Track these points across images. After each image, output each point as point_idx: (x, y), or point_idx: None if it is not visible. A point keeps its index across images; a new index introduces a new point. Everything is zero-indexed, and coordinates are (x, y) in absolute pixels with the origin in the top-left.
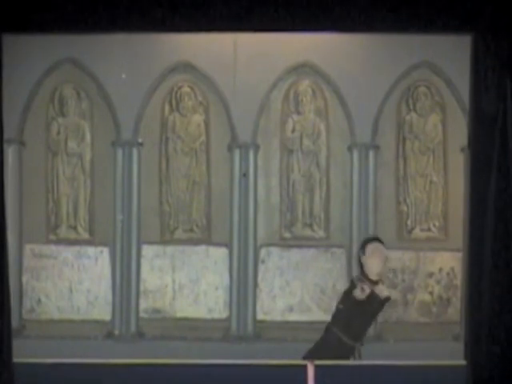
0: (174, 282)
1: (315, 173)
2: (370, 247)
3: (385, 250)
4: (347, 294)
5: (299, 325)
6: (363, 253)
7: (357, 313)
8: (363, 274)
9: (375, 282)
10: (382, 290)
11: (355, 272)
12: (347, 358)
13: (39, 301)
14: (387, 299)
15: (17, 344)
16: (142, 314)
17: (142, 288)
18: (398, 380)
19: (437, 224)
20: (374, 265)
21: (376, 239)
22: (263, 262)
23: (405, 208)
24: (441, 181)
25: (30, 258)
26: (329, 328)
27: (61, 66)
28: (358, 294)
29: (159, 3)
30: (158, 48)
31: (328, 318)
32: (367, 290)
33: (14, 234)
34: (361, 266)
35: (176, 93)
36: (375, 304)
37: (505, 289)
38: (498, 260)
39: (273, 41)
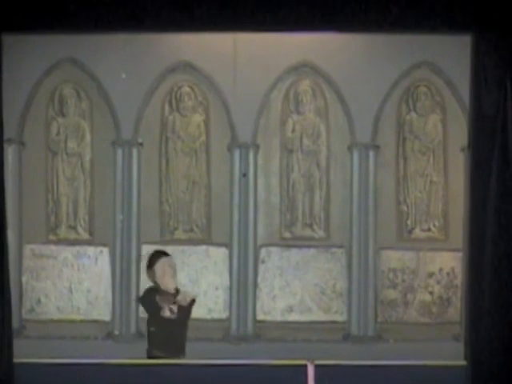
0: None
1: (315, 173)
2: (159, 267)
3: (172, 261)
4: (154, 316)
5: (299, 325)
6: (154, 274)
7: (170, 329)
8: (162, 292)
9: (175, 294)
10: (185, 298)
11: (355, 273)
12: None
13: (39, 301)
14: (193, 302)
15: (17, 344)
16: (141, 314)
17: (142, 288)
18: (398, 380)
19: (437, 224)
20: (168, 283)
21: (161, 254)
22: (263, 262)
23: (405, 208)
24: (441, 181)
25: (30, 257)
26: (149, 351)
27: (61, 66)
28: (168, 314)
29: (159, 3)
30: (158, 48)
31: (328, 318)
32: (175, 308)
33: (14, 234)
34: (155, 284)
35: (176, 93)
36: (183, 313)
37: (505, 289)
38: (498, 260)
39: (273, 41)
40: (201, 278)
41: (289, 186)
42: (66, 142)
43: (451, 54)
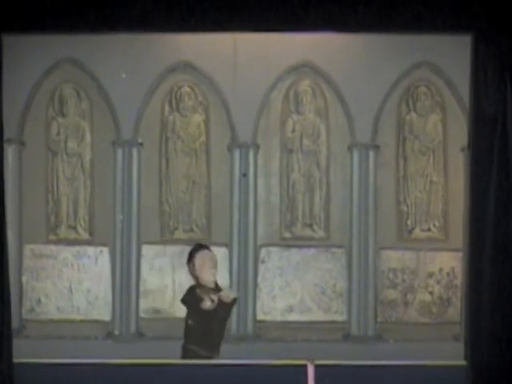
0: (174, 282)
1: (315, 173)
2: (198, 259)
3: (213, 254)
4: (193, 309)
5: (299, 325)
6: (193, 266)
7: (207, 324)
8: (202, 286)
9: (216, 290)
10: (227, 295)
11: (355, 273)
12: None
13: (39, 301)
14: (235, 301)
15: (17, 344)
16: (142, 314)
17: (142, 288)
18: (398, 380)
19: (437, 224)
20: (207, 276)
21: (201, 247)
22: (263, 261)
23: (405, 208)
24: (441, 181)
25: (30, 257)
26: (184, 347)
27: (61, 66)
28: (209, 305)
29: (159, 3)
30: (158, 48)
31: (328, 318)
32: (216, 299)
33: (14, 234)
34: (195, 278)
35: (176, 93)
36: (224, 310)
37: (505, 289)
38: (497, 260)
39: (273, 41)
40: None
41: (289, 186)
42: (66, 142)
43: (451, 54)
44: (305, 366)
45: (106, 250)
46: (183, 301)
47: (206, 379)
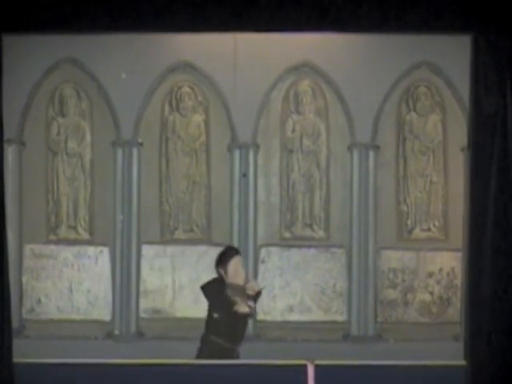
0: (174, 282)
1: (315, 173)
2: (232, 266)
3: (242, 261)
4: (224, 306)
5: (299, 325)
6: (226, 273)
7: (236, 322)
8: (233, 286)
9: (242, 287)
10: (252, 287)
11: (355, 273)
12: (229, 359)
13: (39, 301)
14: (259, 293)
15: (17, 344)
16: (142, 314)
17: (142, 288)
18: (398, 380)
19: (437, 224)
20: (239, 282)
21: (234, 251)
22: (263, 261)
23: (405, 208)
24: (441, 181)
25: (30, 257)
26: (206, 338)
27: (61, 66)
28: (246, 310)
29: (159, 3)
30: (158, 48)
31: (328, 318)
32: (253, 305)
33: (14, 234)
34: (221, 278)
35: (176, 93)
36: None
37: (504, 289)
38: (497, 260)
39: (273, 41)
40: (201, 278)
41: (289, 186)
42: (66, 142)
43: (451, 54)
44: (305, 366)
45: (106, 249)
46: (203, 290)
47: (206, 379)
